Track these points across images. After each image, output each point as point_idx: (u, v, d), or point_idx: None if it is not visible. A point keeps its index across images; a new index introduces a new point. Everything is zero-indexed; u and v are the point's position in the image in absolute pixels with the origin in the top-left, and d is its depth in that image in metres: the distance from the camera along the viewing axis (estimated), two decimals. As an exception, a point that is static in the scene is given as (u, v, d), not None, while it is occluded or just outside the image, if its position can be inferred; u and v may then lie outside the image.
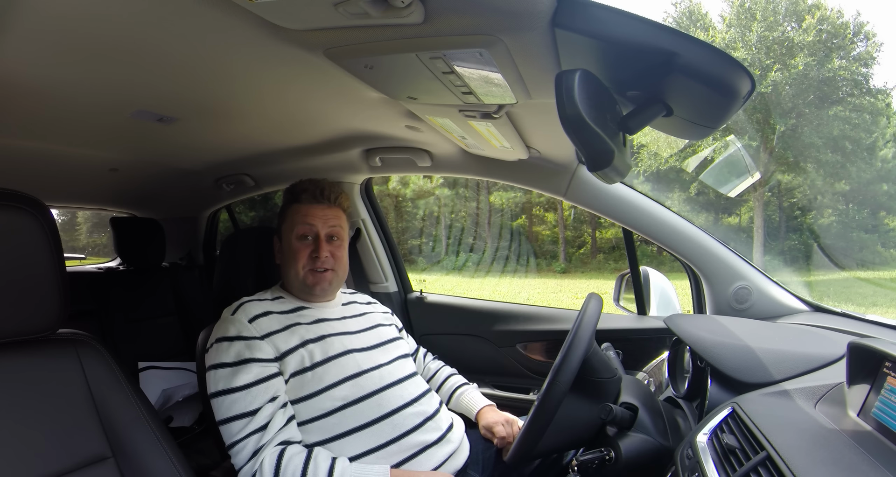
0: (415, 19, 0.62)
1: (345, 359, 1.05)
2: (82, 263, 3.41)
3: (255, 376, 0.96)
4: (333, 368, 1.03)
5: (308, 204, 1.13)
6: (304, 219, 1.12)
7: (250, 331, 1.01)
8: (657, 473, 0.84)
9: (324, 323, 1.11)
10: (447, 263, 14.71)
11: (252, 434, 0.92)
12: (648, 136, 8.58)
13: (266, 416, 0.93)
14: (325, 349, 1.05)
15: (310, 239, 1.11)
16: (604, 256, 14.65)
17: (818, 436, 0.67)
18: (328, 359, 1.04)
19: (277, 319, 1.06)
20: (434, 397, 1.15)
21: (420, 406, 1.08)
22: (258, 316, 1.05)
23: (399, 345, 1.20)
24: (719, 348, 0.94)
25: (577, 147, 0.64)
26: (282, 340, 1.03)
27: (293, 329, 1.05)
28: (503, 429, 1.15)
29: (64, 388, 0.82)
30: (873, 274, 12.11)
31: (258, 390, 0.95)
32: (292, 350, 1.02)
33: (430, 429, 1.06)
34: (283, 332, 1.04)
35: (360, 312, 1.22)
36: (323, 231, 1.12)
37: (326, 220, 1.13)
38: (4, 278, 0.75)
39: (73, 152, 1.46)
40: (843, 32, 12.87)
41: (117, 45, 0.76)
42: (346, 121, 1.28)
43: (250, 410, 0.93)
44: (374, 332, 1.18)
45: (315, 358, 1.03)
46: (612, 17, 0.58)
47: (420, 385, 1.13)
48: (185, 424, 1.89)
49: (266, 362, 0.99)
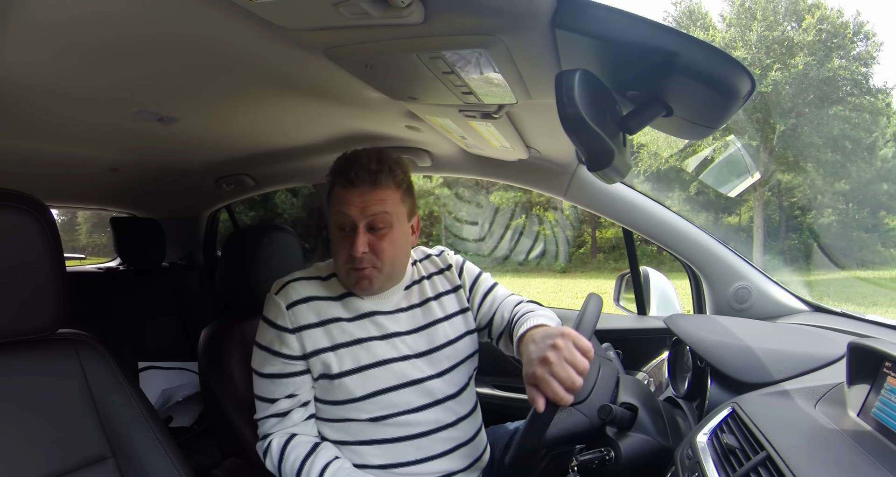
0: (415, 19, 0.62)
1: (379, 370, 0.96)
2: (82, 263, 3.41)
3: (277, 370, 0.96)
4: (364, 380, 0.95)
5: (344, 188, 0.95)
6: (339, 207, 0.95)
7: (285, 320, 0.96)
8: (657, 473, 0.84)
9: (368, 319, 0.99)
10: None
11: (270, 417, 0.97)
12: (648, 136, 8.58)
13: (283, 407, 0.97)
14: (358, 357, 0.96)
15: (347, 231, 0.95)
16: (604, 256, 14.64)
17: (818, 436, 0.67)
18: (359, 369, 0.95)
19: (317, 309, 0.97)
20: (476, 419, 1.06)
21: (456, 431, 0.99)
22: (298, 302, 0.97)
23: (457, 348, 1.03)
24: (719, 348, 0.94)
25: (577, 147, 0.64)
26: (313, 337, 0.96)
27: (329, 327, 0.97)
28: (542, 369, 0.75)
29: (64, 388, 0.82)
30: (873, 274, 12.11)
31: (277, 383, 0.97)
32: (320, 351, 0.95)
33: (460, 456, 0.99)
34: (317, 327, 0.96)
35: (421, 300, 1.05)
36: (361, 221, 0.93)
37: (365, 207, 0.93)
38: (4, 278, 0.75)
39: (73, 152, 1.46)
40: (843, 32, 12.87)
41: (117, 45, 0.76)
42: (346, 121, 1.28)
43: (269, 398, 0.97)
44: (427, 332, 1.02)
45: (344, 366, 0.95)
46: (612, 17, 0.58)
47: (465, 404, 1.03)
48: (185, 424, 1.89)
49: (290, 359, 0.96)
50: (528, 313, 0.98)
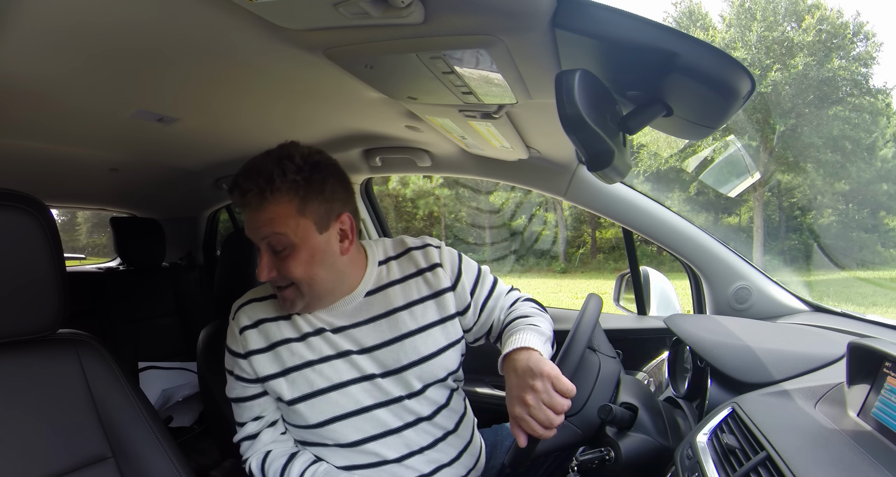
0: (415, 19, 0.62)
1: (335, 395, 0.87)
2: (82, 263, 3.41)
3: (239, 394, 0.95)
4: (319, 405, 0.87)
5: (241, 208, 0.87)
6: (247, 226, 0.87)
7: (237, 344, 0.92)
8: (657, 473, 0.84)
9: (320, 337, 0.90)
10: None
11: (243, 440, 0.96)
12: (648, 136, 8.58)
13: (252, 430, 0.95)
14: (312, 380, 0.87)
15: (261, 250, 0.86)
16: (604, 256, 14.64)
17: (818, 436, 0.67)
18: (311, 394, 0.87)
19: (266, 332, 0.91)
20: (459, 438, 0.96)
21: (434, 453, 0.91)
22: (248, 327, 0.91)
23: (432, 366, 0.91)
24: (719, 348, 0.94)
25: (577, 147, 0.64)
26: (262, 362, 0.89)
27: (277, 351, 0.89)
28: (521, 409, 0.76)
29: (64, 388, 0.82)
30: (873, 274, 12.11)
31: (243, 407, 0.95)
32: (270, 378, 0.89)
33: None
34: (265, 352, 0.90)
35: (386, 310, 0.91)
36: (261, 243, 0.84)
37: (257, 228, 0.83)
38: (4, 278, 0.75)
39: (73, 152, 1.46)
40: (843, 32, 12.87)
41: (117, 44, 0.76)
42: (346, 121, 1.28)
43: (239, 421, 0.96)
44: (393, 349, 0.90)
45: (295, 392, 0.88)
46: (612, 17, 0.58)
47: (444, 423, 0.93)
48: (185, 424, 1.89)
49: (246, 382, 0.93)
50: (518, 323, 0.91)
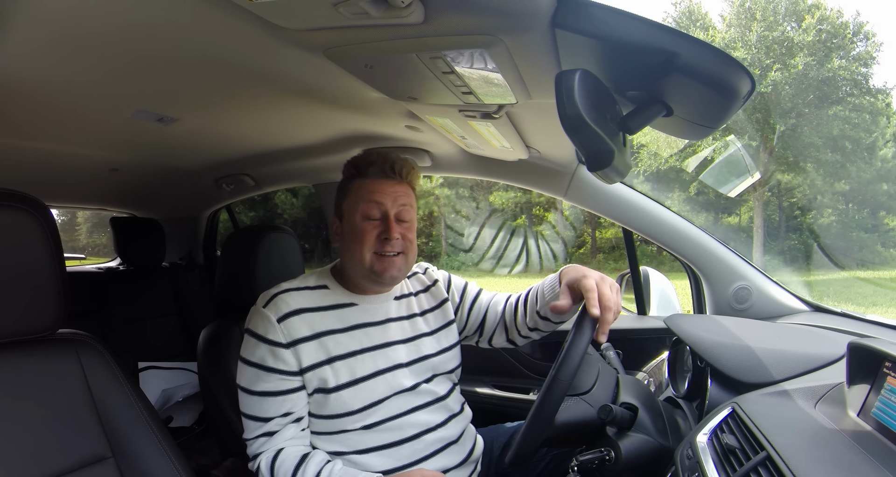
0: (415, 19, 0.62)
1: (374, 382, 0.97)
2: (82, 263, 3.41)
3: (273, 387, 0.93)
4: (361, 392, 0.96)
5: (375, 179, 0.99)
6: (370, 196, 0.98)
7: (277, 334, 0.93)
8: (657, 473, 0.84)
9: (360, 330, 1.00)
10: (447, 263, 14.71)
11: (260, 437, 0.94)
12: (648, 136, 8.59)
13: (276, 424, 0.94)
14: (354, 369, 0.96)
15: (378, 219, 0.98)
16: (604, 256, 14.64)
17: (818, 436, 0.67)
18: (356, 381, 0.96)
19: (310, 321, 0.96)
20: (462, 420, 1.08)
21: (445, 431, 1.02)
22: (289, 314, 0.95)
23: (443, 360, 1.07)
24: (719, 348, 0.94)
25: (577, 147, 0.64)
26: (307, 351, 0.94)
27: (322, 340, 0.96)
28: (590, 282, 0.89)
29: (64, 388, 0.82)
30: (873, 274, 12.11)
31: (273, 401, 0.93)
32: (316, 366, 0.94)
33: (452, 453, 1.02)
34: (312, 341, 0.95)
35: (409, 314, 1.08)
36: (393, 210, 0.98)
37: (396, 198, 0.99)
38: (4, 278, 0.75)
39: (73, 152, 1.46)
40: (843, 32, 12.88)
41: (117, 44, 0.76)
42: (346, 121, 1.28)
43: (261, 417, 0.94)
44: (415, 344, 1.05)
45: (341, 379, 0.95)
46: (612, 17, 0.58)
47: (451, 406, 1.06)
48: (185, 424, 1.89)
49: (287, 375, 0.93)
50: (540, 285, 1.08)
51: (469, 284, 1.20)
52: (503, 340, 1.16)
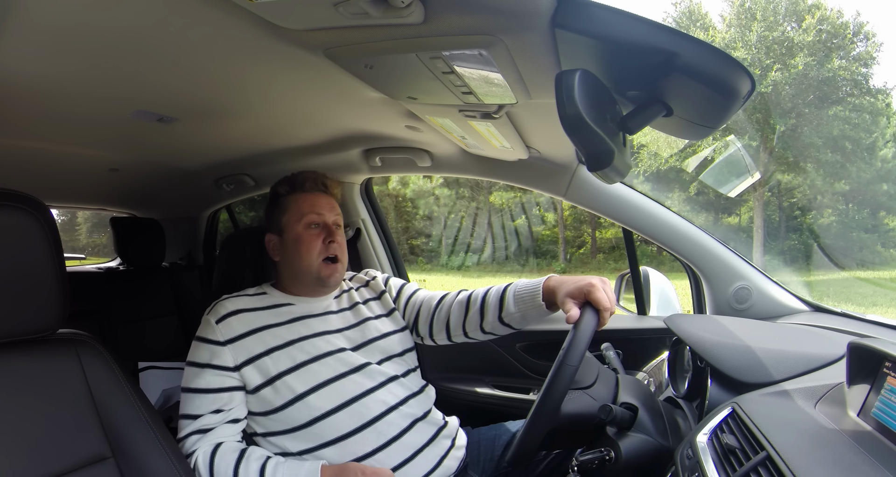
0: (415, 19, 0.62)
1: (316, 365, 1.00)
2: (82, 263, 3.41)
3: (207, 384, 0.96)
4: (304, 375, 0.98)
5: (312, 192, 1.11)
6: (312, 208, 1.09)
7: (215, 334, 0.99)
8: (657, 473, 0.84)
9: (300, 322, 1.05)
10: (448, 263, 14.72)
11: (192, 434, 0.94)
12: (648, 136, 8.58)
13: (207, 423, 0.94)
14: (294, 355, 1.00)
15: (321, 227, 1.08)
16: (604, 256, 14.64)
17: (818, 436, 0.67)
18: (296, 367, 0.99)
19: (247, 320, 1.02)
20: (426, 396, 1.09)
21: (408, 408, 1.03)
22: (226, 316, 1.01)
23: (390, 341, 1.11)
24: (719, 348, 0.94)
25: (577, 147, 0.64)
26: (245, 346, 0.99)
27: (260, 335, 1.01)
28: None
29: (64, 388, 0.82)
30: (873, 274, 12.11)
31: (204, 398, 0.96)
32: (253, 359, 0.98)
33: (420, 430, 1.02)
34: (248, 337, 1.00)
35: (350, 304, 1.15)
36: (330, 219, 1.10)
37: (332, 209, 1.12)
38: (4, 278, 0.75)
39: (73, 152, 1.46)
40: (843, 32, 12.88)
41: (117, 44, 0.76)
42: (346, 121, 1.28)
43: (193, 414, 0.95)
44: (360, 328, 1.10)
45: (280, 367, 0.98)
46: (612, 17, 0.58)
47: (410, 385, 1.07)
48: (185, 424, 1.89)
49: (221, 370, 0.97)
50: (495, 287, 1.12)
51: (408, 283, 1.26)
52: (444, 338, 1.15)
